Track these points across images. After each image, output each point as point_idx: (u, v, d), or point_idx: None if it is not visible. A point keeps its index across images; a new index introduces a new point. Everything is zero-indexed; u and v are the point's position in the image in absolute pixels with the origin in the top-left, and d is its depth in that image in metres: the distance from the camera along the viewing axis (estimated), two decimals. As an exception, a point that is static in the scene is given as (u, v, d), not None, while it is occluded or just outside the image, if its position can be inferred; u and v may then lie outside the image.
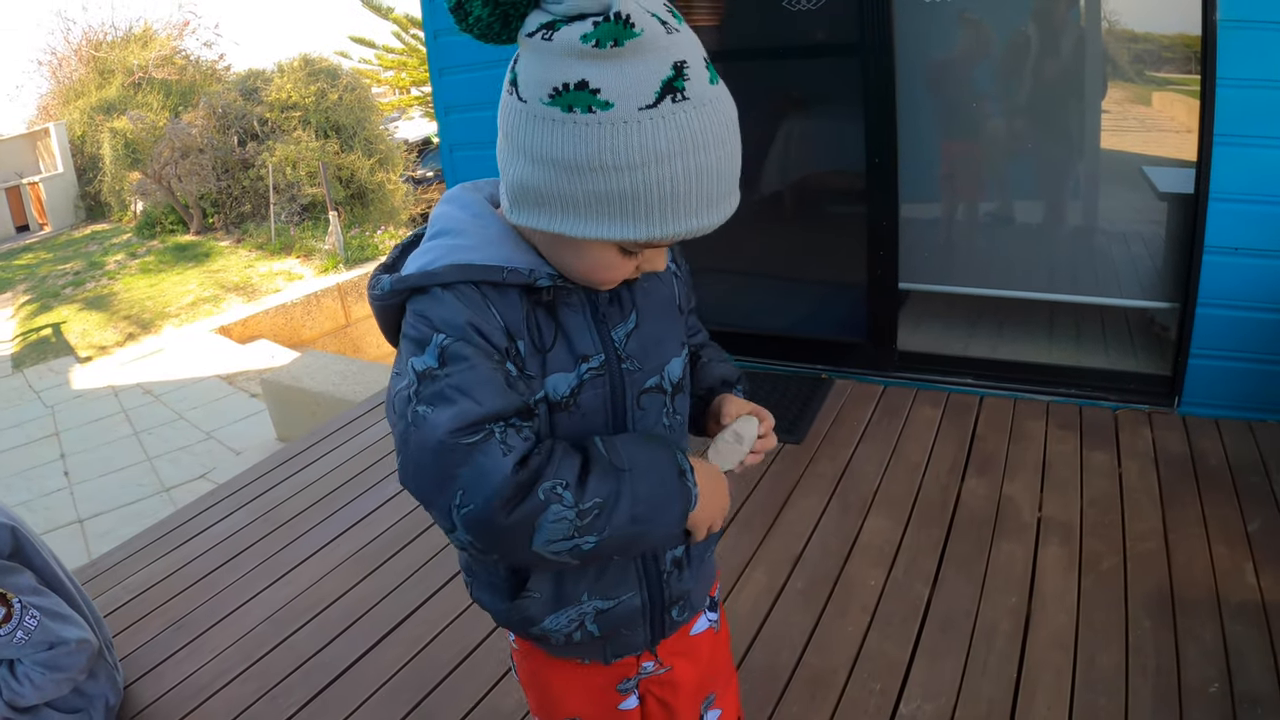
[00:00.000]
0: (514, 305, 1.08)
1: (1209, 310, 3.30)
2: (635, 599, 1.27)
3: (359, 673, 2.59)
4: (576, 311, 1.14)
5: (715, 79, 0.97)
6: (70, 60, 21.24)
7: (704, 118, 0.94)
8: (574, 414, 1.14)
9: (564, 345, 1.13)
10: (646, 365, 1.19)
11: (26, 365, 9.97)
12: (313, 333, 10.82)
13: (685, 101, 0.93)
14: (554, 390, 1.12)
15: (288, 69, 16.32)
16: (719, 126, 0.96)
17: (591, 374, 1.14)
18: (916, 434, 3.53)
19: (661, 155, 0.93)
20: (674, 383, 1.24)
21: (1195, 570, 2.58)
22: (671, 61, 0.92)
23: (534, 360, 1.10)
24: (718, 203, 0.99)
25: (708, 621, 1.45)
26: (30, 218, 19.52)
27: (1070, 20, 3.57)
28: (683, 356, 1.26)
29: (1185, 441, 3.27)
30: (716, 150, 0.95)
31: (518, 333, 1.08)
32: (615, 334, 1.16)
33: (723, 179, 0.97)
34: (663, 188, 0.94)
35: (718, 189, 0.98)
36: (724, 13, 4.26)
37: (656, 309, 1.22)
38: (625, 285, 1.16)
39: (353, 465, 3.92)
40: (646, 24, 0.91)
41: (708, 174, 0.95)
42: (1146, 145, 3.63)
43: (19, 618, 2.19)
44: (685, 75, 0.93)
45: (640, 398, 1.19)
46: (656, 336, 1.21)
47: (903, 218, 3.80)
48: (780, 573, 2.79)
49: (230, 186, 15.53)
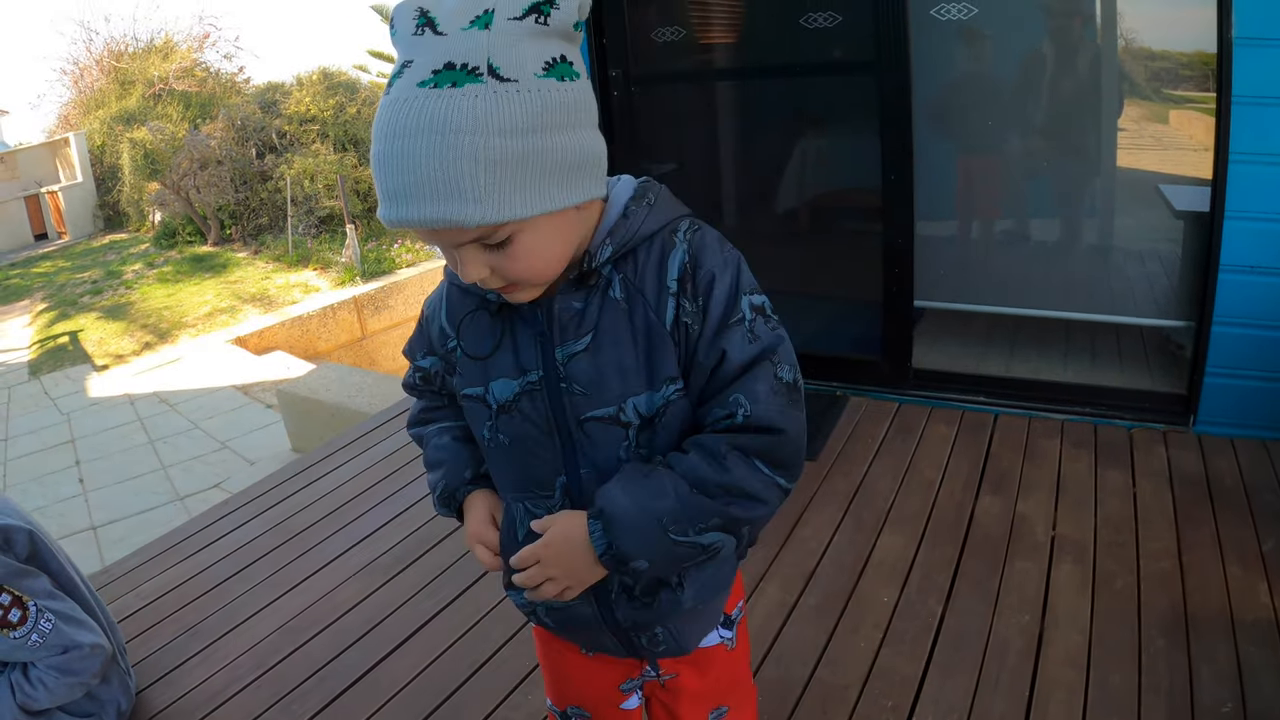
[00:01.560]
0: (466, 307, 1.22)
1: (1225, 329, 3.29)
2: (585, 608, 1.27)
3: (372, 682, 2.60)
4: (527, 323, 1.16)
5: (433, 83, 0.94)
6: (92, 70, 21.48)
7: (386, 111, 0.96)
8: (515, 417, 1.19)
9: (510, 353, 1.17)
10: (594, 392, 1.13)
11: (43, 372, 10.04)
12: (328, 345, 10.87)
13: (388, 94, 0.98)
14: (499, 393, 1.19)
15: (306, 82, 16.46)
16: (388, 124, 0.96)
17: (529, 387, 1.17)
18: (931, 451, 3.52)
19: (371, 136, 0.99)
20: (642, 417, 1.14)
21: (1209, 590, 2.57)
22: (402, 60, 0.98)
23: (471, 365, 1.22)
24: (392, 199, 0.96)
25: (719, 638, 1.42)
26: (49, 226, 19.66)
27: (1086, 38, 3.57)
28: (661, 394, 1.13)
29: (1200, 461, 3.26)
30: (385, 143, 0.96)
31: (457, 333, 1.23)
32: (559, 352, 1.14)
33: (389, 174, 0.95)
34: (372, 166, 0.99)
35: (386, 183, 0.96)
36: (742, 30, 4.29)
37: (624, 334, 1.13)
38: (592, 305, 1.13)
39: (367, 477, 3.93)
40: (402, 25, 0.99)
41: (378, 163, 0.97)
42: (1163, 163, 3.63)
43: (34, 621, 2.20)
44: (402, 74, 0.97)
45: (584, 424, 1.15)
46: (617, 364, 1.13)
47: (918, 235, 3.79)
48: (794, 588, 2.78)
49: (248, 198, 15.63)
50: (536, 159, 0.96)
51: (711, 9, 4.32)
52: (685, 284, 1.11)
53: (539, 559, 1.16)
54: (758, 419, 1.10)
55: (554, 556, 1.15)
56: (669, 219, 1.15)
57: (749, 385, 1.11)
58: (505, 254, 1.02)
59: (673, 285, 1.11)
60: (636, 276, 1.13)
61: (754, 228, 4.48)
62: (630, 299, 1.12)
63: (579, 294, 1.13)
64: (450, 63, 0.94)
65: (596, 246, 1.12)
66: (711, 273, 1.11)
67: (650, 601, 1.25)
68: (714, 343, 1.11)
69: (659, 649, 1.32)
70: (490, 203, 0.95)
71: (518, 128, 0.94)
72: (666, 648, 1.32)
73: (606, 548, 1.12)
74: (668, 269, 1.12)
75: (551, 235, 1.04)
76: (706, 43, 4.36)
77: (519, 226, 0.99)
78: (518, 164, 0.95)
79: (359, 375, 6.10)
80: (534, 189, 0.97)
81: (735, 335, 1.11)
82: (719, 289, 1.11)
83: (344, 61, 35.68)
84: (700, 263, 1.11)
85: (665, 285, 1.11)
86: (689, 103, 4.56)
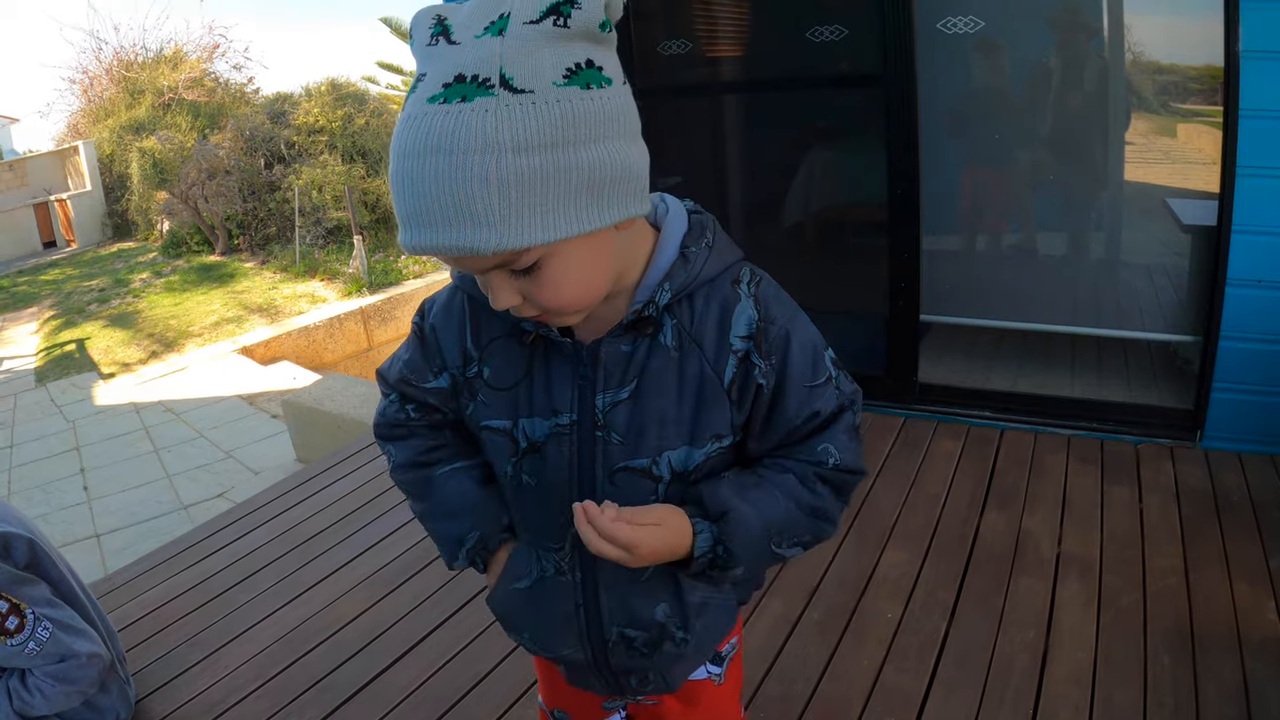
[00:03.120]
0: (493, 331, 1.13)
1: (1232, 343, 3.28)
2: (578, 654, 1.26)
3: (373, 693, 2.59)
4: (565, 361, 1.10)
5: (442, 98, 0.86)
6: (101, 79, 21.54)
7: (398, 129, 0.89)
8: (539, 459, 1.13)
9: (540, 390, 1.11)
10: (633, 443, 1.09)
11: (50, 379, 10.06)
12: (335, 356, 10.88)
13: (403, 111, 0.90)
14: (531, 432, 1.13)
15: (315, 93, 16.51)
16: (399, 143, 0.88)
17: (558, 430, 1.11)
18: (936, 467, 3.50)
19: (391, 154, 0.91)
20: (675, 472, 1.11)
21: (1216, 607, 2.55)
22: (418, 73, 0.91)
23: (495, 395, 1.14)
24: (407, 224, 0.89)
25: (707, 673, 1.40)
26: (57, 234, 19.74)
27: (1093, 52, 3.57)
28: (702, 450, 1.10)
29: (1207, 476, 3.24)
30: (397, 163, 0.89)
31: (483, 357, 1.14)
32: (600, 399, 1.09)
33: (403, 197, 0.88)
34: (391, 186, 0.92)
35: (401, 206, 0.89)
36: (748, 44, 4.30)
37: (671, 384, 1.08)
38: (640, 349, 1.08)
39: (371, 488, 3.92)
40: (418, 35, 0.91)
41: (393, 184, 0.89)
42: (1170, 177, 3.62)
43: (31, 629, 2.19)
44: (415, 88, 0.89)
45: (615, 475, 1.10)
46: (660, 415, 1.09)
47: (924, 249, 3.79)
48: (797, 603, 2.77)
49: (256, 208, 15.66)
50: (559, 177, 0.87)
51: (718, 22, 4.33)
52: (758, 343, 1.08)
53: (639, 544, 1.02)
54: (845, 464, 1.14)
55: (654, 549, 1.06)
56: (728, 264, 1.11)
57: (835, 435, 1.14)
58: (535, 281, 0.93)
59: (737, 343, 1.08)
60: (693, 326, 1.08)
61: (760, 241, 4.47)
62: (683, 348, 1.08)
63: (627, 337, 1.08)
64: (460, 75, 0.85)
65: (652, 289, 1.06)
66: (785, 330, 1.10)
67: (649, 652, 1.23)
68: (806, 403, 1.11)
69: (646, 688, 1.31)
70: (507, 227, 0.86)
71: (533, 143, 0.85)
72: (654, 688, 1.31)
73: (712, 548, 1.09)
74: (732, 325, 1.08)
75: (587, 259, 0.95)
76: (713, 56, 4.37)
77: (546, 251, 0.90)
78: (536, 183, 0.86)
79: (365, 386, 6.09)
80: (558, 210, 0.88)
81: (827, 394, 1.13)
82: (796, 347, 1.10)
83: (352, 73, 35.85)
84: (771, 319, 1.09)
85: (728, 342, 1.08)
86: (695, 116, 4.56)
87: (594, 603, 1.20)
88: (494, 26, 0.87)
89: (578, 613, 1.21)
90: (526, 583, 1.23)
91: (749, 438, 1.14)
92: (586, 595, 1.20)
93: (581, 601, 1.21)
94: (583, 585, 1.20)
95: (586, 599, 1.20)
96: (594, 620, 1.21)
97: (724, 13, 4.33)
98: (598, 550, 1.01)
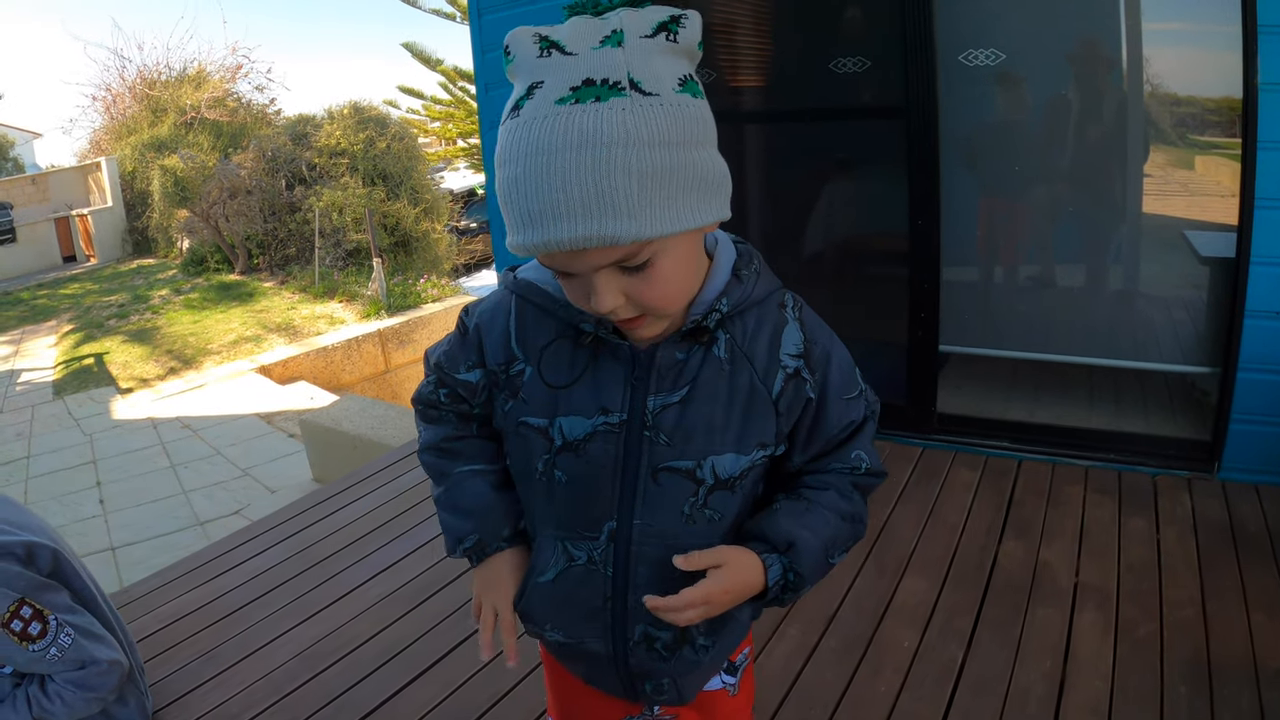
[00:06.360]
0: (544, 332, 1.18)
1: (1250, 375, 3.27)
2: (599, 647, 1.28)
3: (389, 712, 2.59)
4: (618, 363, 1.15)
5: (574, 99, 0.92)
6: (124, 97, 21.76)
7: (519, 132, 0.94)
8: (580, 458, 1.17)
9: (589, 390, 1.15)
10: (679, 445, 1.15)
11: (67, 393, 10.13)
12: (352, 377, 10.93)
13: (516, 118, 0.95)
14: (569, 431, 1.17)
15: (337, 115, 16.61)
16: (527, 143, 0.93)
17: (606, 428, 1.15)
18: (954, 496, 3.50)
19: (498, 162, 0.97)
20: (718, 478, 1.17)
21: (1232, 638, 2.54)
22: (529, 83, 0.95)
23: (541, 394, 1.18)
24: (534, 221, 0.94)
25: (721, 683, 1.42)
26: (77, 249, 19.93)
27: (1112, 84, 3.59)
28: (748, 456, 1.18)
29: (1224, 508, 3.23)
30: (525, 162, 0.93)
31: (528, 357, 1.18)
32: (651, 401, 1.14)
33: (530, 194, 0.93)
34: (500, 193, 0.97)
35: (527, 204, 0.93)
36: (771, 75, 4.33)
37: (721, 393, 1.15)
38: (693, 358, 1.14)
39: (388, 509, 3.94)
40: (523, 51, 0.96)
41: (514, 185, 0.94)
42: (1188, 209, 3.63)
43: (54, 634, 2.21)
44: (532, 94, 0.94)
45: (658, 473, 1.16)
46: (708, 421, 1.15)
47: (944, 280, 3.81)
48: (814, 631, 2.77)
49: (276, 229, 15.78)
50: (683, 172, 0.95)
51: (741, 53, 4.36)
52: (807, 360, 1.19)
53: (709, 600, 1.12)
54: (873, 468, 1.28)
55: (725, 597, 1.15)
56: (772, 289, 1.19)
57: (863, 441, 1.27)
58: (643, 278, 1.00)
59: (787, 361, 1.18)
60: (745, 342, 1.16)
61: (781, 269, 4.41)
62: (734, 361, 1.16)
63: (683, 345, 1.14)
64: (590, 79, 0.92)
65: (709, 304, 1.12)
66: (827, 350, 1.21)
67: (669, 655, 1.27)
68: (844, 414, 1.24)
69: (660, 697, 1.33)
70: (644, 217, 0.93)
71: (665, 140, 0.93)
72: (668, 698, 1.33)
73: (782, 575, 1.17)
74: (782, 343, 1.18)
75: (686, 261, 1.04)
76: (736, 86, 4.40)
77: (661, 246, 0.98)
78: (666, 176, 0.93)
79: (382, 408, 6.12)
80: (681, 203, 0.96)
81: (859, 407, 1.26)
82: (835, 366, 1.22)
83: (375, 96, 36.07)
84: (815, 340, 1.20)
85: (778, 359, 1.18)
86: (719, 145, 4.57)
87: (622, 599, 1.23)
88: (611, 39, 0.94)
89: (605, 606, 1.24)
90: (552, 574, 1.26)
91: (793, 449, 1.24)
92: (616, 590, 1.23)
93: (610, 595, 1.23)
94: (613, 580, 1.23)
95: (615, 593, 1.23)
96: (619, 615, 1.24)
97: (747, 43, 4.36)
98: (686, 621, 1.13)
